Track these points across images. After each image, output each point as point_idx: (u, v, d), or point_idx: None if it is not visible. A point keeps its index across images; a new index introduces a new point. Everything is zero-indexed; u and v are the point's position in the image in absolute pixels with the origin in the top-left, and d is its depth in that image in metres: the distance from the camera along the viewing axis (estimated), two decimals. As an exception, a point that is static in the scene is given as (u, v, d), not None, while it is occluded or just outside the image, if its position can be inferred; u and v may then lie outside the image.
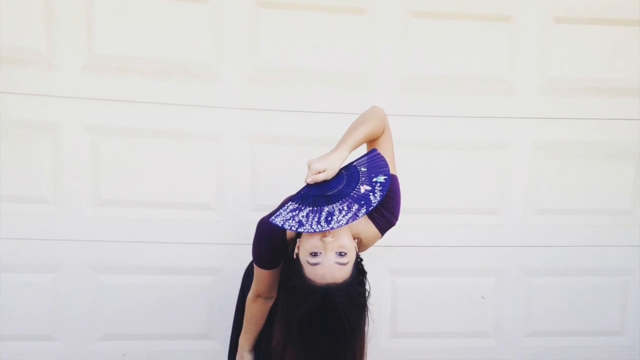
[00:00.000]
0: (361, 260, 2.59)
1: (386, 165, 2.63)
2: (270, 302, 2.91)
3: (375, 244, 2.83)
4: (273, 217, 2.53)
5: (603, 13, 4.10)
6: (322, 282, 2.39)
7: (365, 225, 2.71)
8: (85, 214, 3.93)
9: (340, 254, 2.42)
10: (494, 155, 4.20)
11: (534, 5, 4.06)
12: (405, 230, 3.97)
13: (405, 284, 4.25)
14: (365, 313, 2.52)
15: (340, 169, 2.60)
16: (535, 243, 4.31)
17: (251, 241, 2.75)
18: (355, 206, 2.46)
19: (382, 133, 2.80)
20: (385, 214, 2.74)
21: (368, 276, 2.57)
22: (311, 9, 3.90)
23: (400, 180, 2.78)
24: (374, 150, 2.70)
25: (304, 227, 2.42)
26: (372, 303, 2.56)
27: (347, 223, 2.41)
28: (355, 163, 2.64)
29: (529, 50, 4.10)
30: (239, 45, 3.89)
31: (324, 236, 2.40)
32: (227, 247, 4.03)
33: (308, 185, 2.55)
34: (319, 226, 2.40)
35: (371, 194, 2.51)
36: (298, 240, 2.54)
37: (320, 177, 2.52)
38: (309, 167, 2.53)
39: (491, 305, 4.37)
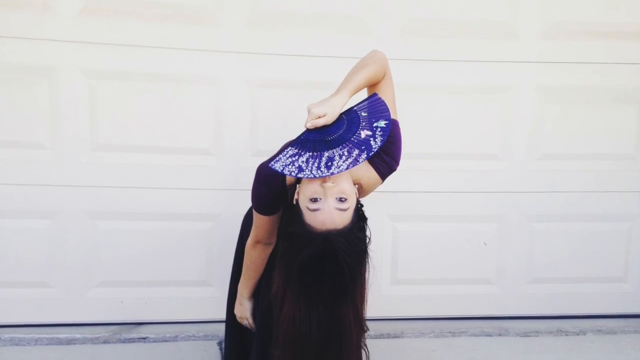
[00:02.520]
0: (361, 206, 2.60)
1: (387, 109, 2.63)
2: (270, 249, 2.94)
3: (376, 190, 2.84)
4: (272, 163, 2.54)
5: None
6: (322, 228, 2.40)
7: (365, 171, 2.71)
8: (82, 160, 3.95)
9: (341, 200, 2.43)
10: (496, 99, 4.21)
11: (536, -52, 4.06)
12: (406, 176, 3.98)
13: (406, 230, 4.28)
14: (365, 259, 2.54)
15: (341, 114, 2.60)
16: (537, 189, 4.34)
17: (250, 187, 2.76)
18: (356, 151, 2.47)
19: (383, 77, 2.80)
20: (386, 159, 2.74)
21: (368, 222, 2.58)
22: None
23: (401, 125, 2.78)
24: (375, 94, 2.70)
25: (304, 173, 2.43)
26: (372, 249, 2.58)
27: (347, 168, 2.42)
28: (355, 108, 2.64)
29: (531, -7, 4.11)
30: (238, -12, 3.90)
31: (324, 182, 2.40)
32: (226, 192, 4.06)
33: (308, 130, 2.56)
34: (319, 171, 2.41)
35: (372, 139, 2.52)
36: (298, 185, 2.54)
37: (320, 122, 2.53)
38: (308, 111, 2.54)
39: (493, 251, 4.40)
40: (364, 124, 2.56)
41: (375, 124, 2.57)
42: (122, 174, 3.99)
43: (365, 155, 2.47)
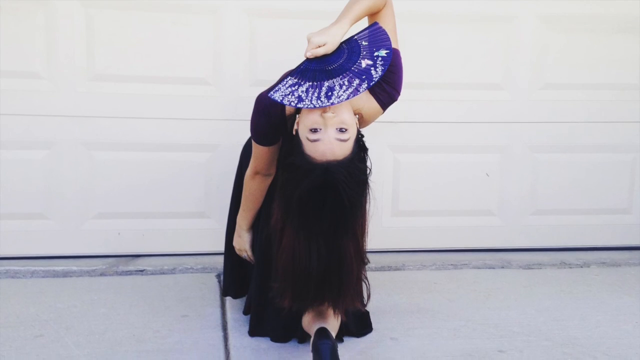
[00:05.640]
0: (362, 136, 2.63)
1: (388, 39, 2.65)
2: (269, 180, 2.98)
3: (377, 120, 2.88)
4: (272, 92, 2.56)
5: None
6: (322, 158, 2.44)
7: (366, 101, 2.74)
8: (79, 90, 3.95)
9: (341, 130, 2.46)
10: (498, 28, 4.22)
11: None
12: (408, 106, 3.98)
13: (407, 160, 4.31)
14: (366, 190, 2.59)
15: (341, 43, 2.62)
16: (540, 119, 4.36)
17: (249, 117, 2.80)
18: (356, 81, 2.50)
19: (384, 6, 2.80)
20: (386, 89, 2.77)
21: (369, 153, 2.63)
22: None
23: (402, 55, 2.80)
24: (376, 23, 2.71)
25: (304, 103, 2.46)
26: (373, 180, 2.62)
27: (347, 98, 2.45)
28: (356, 37, 2.66)
29: None
30: None
31: (324, 112, 2.43)
32: (225, 123, 4.07)
33: (308, 60, 2.58)
34: (319, 101, 2.44)
35: (372, 68, 2.55)
36: (297, 116, 2.58)
37: (321, 51, 2.55)
38: (308, 40, 2.56)
39: (496, 182, 4.44)
40: (364, 53, 2.58)
41: (376, 53, 2.59)
42: (120, 104, 4.00)
43: (366, 85, 2.50)
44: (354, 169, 2.49)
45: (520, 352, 3.07)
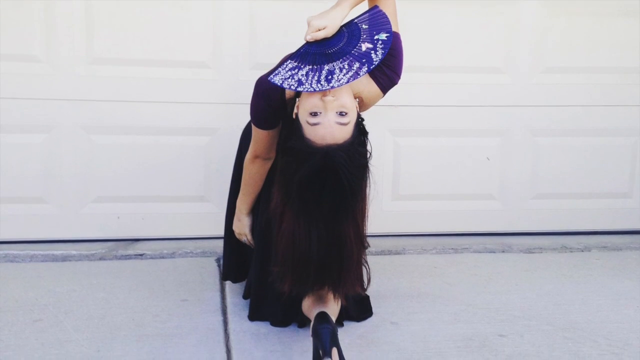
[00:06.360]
0: (362, 120, 2.63)
1: (388, 22, 2.65)
2: (269, 164, 2.98)
3: (377, 104, 2.88)
4: (272, 76, 2.56)
5: None
6: (322, 142, 2.44)
7: (366, 84, 2.74)
8: (78, 73, 3.95)
9: (341, 114, 2.46)
10: (499, 11, 4.21)
11: None
12: (408, 89, 3.97)
13: (407, 144, 4.31)
14: (366, 174, 2.59)
15: (341, 26, 2.62)
16: (541, 102, 4.36)
17: (249, 100, 2.80)
18: (357, 64, 2.50)
19: (384, -11, 2.80)
20: (387, 72, 2.77)
21: (369, 136, 2.63)
22: None
23: (402, 38, 2.80)
24: (376, 7, 2.71)
25: (304, 86, 2.46)
26: (373, 164, 2.62)
27: (347, 82, 2.45)
28: (356, 20, 2.66)
29: None
30: None
31: (324, 95, 2.43)
32: (224, 106, 4.07)
33: (308, 43, 2.59)
34: (318, 85, 2.44)
35: (373, 51, 2.55)
36: (297, 99, 2.58)
37: (321, 35, 2.55)
38: (308, 24, 2.56)
39: (496, 166, 4.44)
40: (364, 36, 2.58)
41: (376, 37, 2.59)
42: (119, 88, 4.00)
43: (366, 68, 2.50)
44: (354, 153, 2.49)
45: (520, 337, 3.07)
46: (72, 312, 3.21)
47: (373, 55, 2.53)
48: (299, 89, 2.47)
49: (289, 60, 2.58)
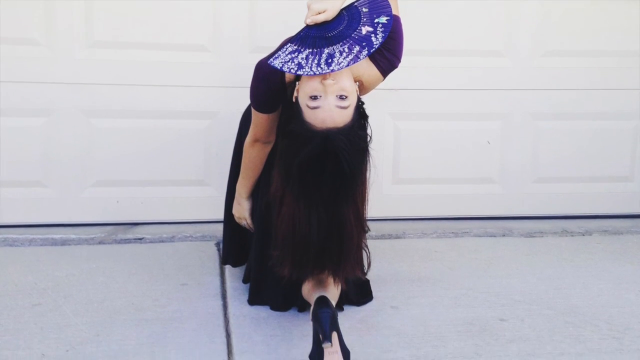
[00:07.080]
0: (362, 103, 2.63)
1: (388, 5, 2.64)
2: (269, 147, 2.98)
3: (377, 87, 2.87)
4: (271, 59, 2.56)
5: None
6: (322, 126, 2.44)
7: (366, 68, 2.73)
8: (77, 56, 3.94)
9: (341, 97, 2.45)
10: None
11: None
12: (408, 73, 3.96)
13: (408, 128, 4.31)
14: (366, 158, 2.59)
15: (341, 10, 2.62)
16: (542, 86, 4.35)
17: (249, 84, 2.80)
18: (357, 48, 2.50)
19: (385, -28, 2.79)
20: (387, 56, 2.76)
21: (370, 120, 2.62)
22: None
23: (402, 21, 2.79)
24: (376, -11, 2.71)
25: (304, 70, 2.46)
26: (373, 148, 2.62)
27: (348, 65, 2.44)
28: (356, 3, 2.65)
29: None
30: None
31: (324, 79, 2.42)
32: (224, 90, 4.07)
33: (308, 27, 2.58)
34: (319, 68, 2.43)
35: (373, 35, 2.54)
36: (297, 83, 2.57)
37: (321, 18, 2.55)
38: (308, 7, 2.55)
39: (497, 150, 4.43)
40: (364, 19, 2.58)
41: (376, 20, 2.58)
42: (118, 71, 3.99)
43: (367, 52, 2.50)
44: (354, 137, 2.49)
45: (521, 321, 3.08)
46: (71, 296, 3.22)
47: (373, 39, 2.53)
48: (299, 72, 2.47)
49: (289, 44, 2.57)
